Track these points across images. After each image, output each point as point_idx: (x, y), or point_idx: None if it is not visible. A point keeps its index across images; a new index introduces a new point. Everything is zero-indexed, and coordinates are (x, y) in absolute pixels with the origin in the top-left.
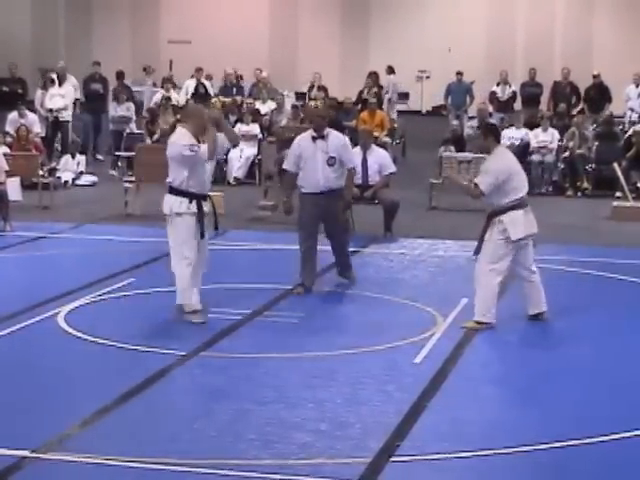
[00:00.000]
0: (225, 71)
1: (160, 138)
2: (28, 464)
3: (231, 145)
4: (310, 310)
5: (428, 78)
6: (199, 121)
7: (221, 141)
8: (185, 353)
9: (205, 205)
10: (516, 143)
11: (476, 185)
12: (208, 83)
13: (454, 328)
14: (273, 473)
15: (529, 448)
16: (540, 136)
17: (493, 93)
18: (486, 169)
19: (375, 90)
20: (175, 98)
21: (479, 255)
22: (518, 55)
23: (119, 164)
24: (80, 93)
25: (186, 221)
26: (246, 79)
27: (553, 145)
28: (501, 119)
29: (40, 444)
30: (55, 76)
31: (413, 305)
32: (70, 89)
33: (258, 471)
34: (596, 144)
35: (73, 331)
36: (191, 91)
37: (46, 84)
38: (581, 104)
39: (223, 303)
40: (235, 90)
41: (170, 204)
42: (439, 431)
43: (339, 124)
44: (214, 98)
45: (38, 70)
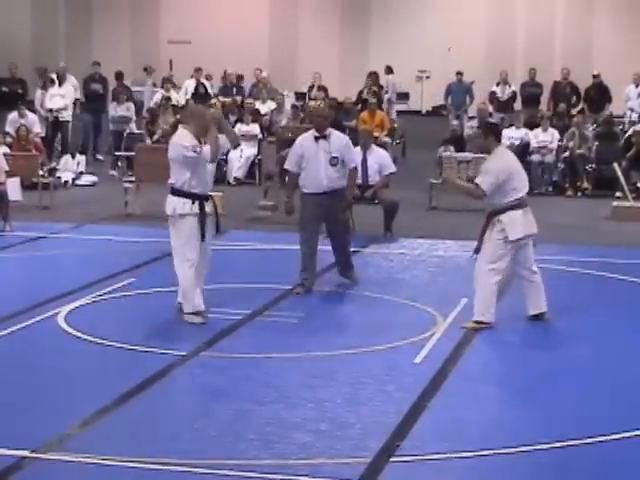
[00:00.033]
0: (225, 71)
1: (161, 138)
2: (28, 464)
3: (232, 146)
4: (310, 310)
5: (428, 78)
6: (201, 121)
7: (222, 142)
8: (185, 353)
9: (207, 206)
10: (516, 143)
11: (477, 186)
12: (208, 83)
13: (454, 328)
14: (273, 473)
15: (529, 448)
16: (540, 136)
17: (493, 93)
18: (486, 169)
19: (375, 89)
20: (175, 98)
21: (479, 255)
22: (518, 55)
23: (119, 164)
24: (80, 93)
25: (189, 222)
26: (246, 79)
27: (553, 145)
28: (501, 119)
29: (40, 444)
30: (55, 76)
31: (413, 305)
32: (70, 89)
33: (258, 471)
34: (596, 144)
35: (73, 331)
36: (191, 91)
37: (46, 84)
38: (581, 104)
39: (223, 303)
40: (235, 90)
41: (173, 205)
42: (439, 431)
43: (339, 124)
44: (213, 99)
45: (35, 70)
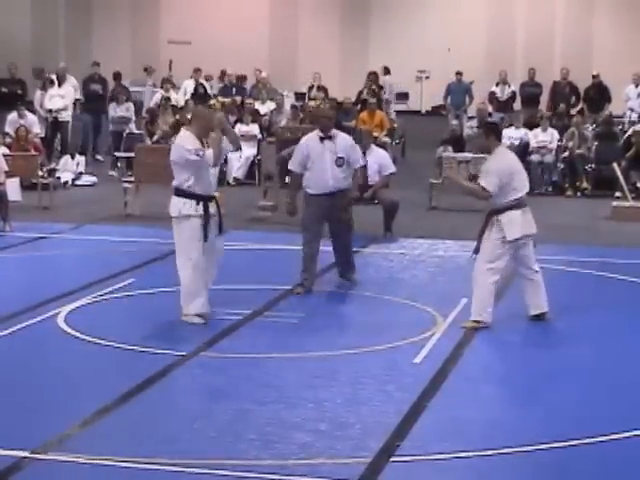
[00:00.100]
0: (223, 71)
1: (160, 140)
2: (28, 464)
3: (233, 148)
4: (310, 310)
5: (428, 78)
6: (205, 123)
7: (224, 144)
8: (185, 353)
9: (211, 207)
10: (515, 143)
11: (483, 188)
12: (207, 83)
13: (454, 328)
14: (273, 473)
15: (530, 448)
16: (539, 136)
17: (492, 93)
18: (487, 169)
19: (374, 88)
20: (175, 98)
21: (478, 254)
22: (518, 55)
23: (119, 164)
24: (80, 93)
25: (192, 223)
26: (240, 78)
27: (552, 145)
28: (501, 119)
29: (40, 444)
30: (54, 77)
31: (413, 305)
32: (70, 89)
33: (258, 471)
34: (595, 144)
35: (73, 331)
36: (190, 91)
37: (45, 85)
38: (580, 104)
39: (223, 303)
40: (235, 90)
41: (178, 206)
42: (439, 431)
43: (339, 124)
44: (213, 99)
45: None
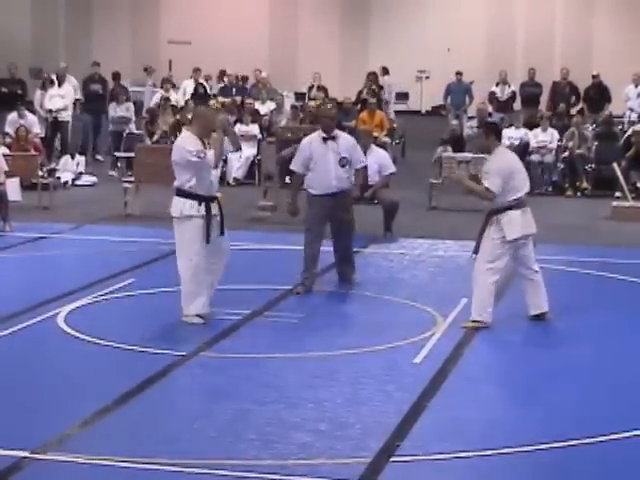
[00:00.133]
0: (221, 71)
1: (160, 139)
2: (28, 464)
3: (233, 148)
4: (310, 310)
5: (428, 78)
6: (206, 123)
7: (225, 145)
8: (185, 353)
9: (213, 207)
10: (515, 143)
11: (487, 189)
12: (206, 84)
13: (454, 328)
14: (273, 473)
15: (530, 448)
16: (539, 136)
17: (492, 93)
18: (489, 170)
19: (374, 89)
20: (175, 98)
21: (478, 254)
22: (518, 55)
23: (118, 164)
24: (80, 93)
25: (194, 224)
26: (243, 79)
27: (552, 145)
28: (500, 119)
29: (40, 444)
30: (54, 77)
31: (413, 305)
32: (70, 89)
33: (258, 471)
34: (595, 144)
35: (73, 331)
36: (189, 91)
37: (45, 85)
38: (580, 104)
39: (223, 303)
40: (235, 90)
41: (180, 207)
42: (439, 431)
43: (339, 124)
44: (212, 100)
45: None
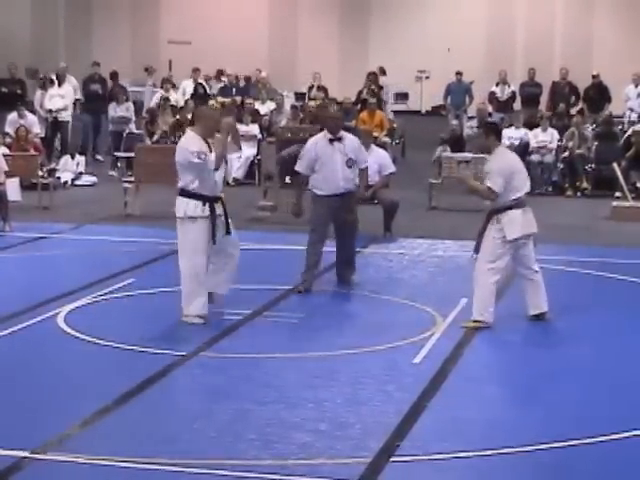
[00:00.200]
0: (222, 71)
1: (160, 139)
2: (28, 464)
3: (236, 149)
4: (310, 310)
5: (427, 78)
6: (210, 123)
7: (229, 148)
8: (185, 353)
9: (217, 207)
10: (515, 143)
11: (489, 189)
12: (206, 84)
13: (454, 328)
14: (273, 473)
15: (530, 448)
16: (539, 136)
17: (492, 93)
18: (490, 170)
19: (374, 89)
20: (174, 98)
21: (478, 254)
22: (517, 55)
23: (118, 164)
24: (80, 93)
25: (199, 224)
26: (246, 79)
27: (552, 145)
28: (500, 119)
29: (40, 444)
30: (54, 77)
31: (413, 305)
32: (70, 89)
33: (258, 471)
34: (595, 144)
35: (73, 331)
36: (189, 91)
37: (45, 84)
38: (580, 104)
39: (223, 303)
40: (235, 90)
41: (184, 207)
42: (439, 431)
43: (344, 125)
44: (211, 100)
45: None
